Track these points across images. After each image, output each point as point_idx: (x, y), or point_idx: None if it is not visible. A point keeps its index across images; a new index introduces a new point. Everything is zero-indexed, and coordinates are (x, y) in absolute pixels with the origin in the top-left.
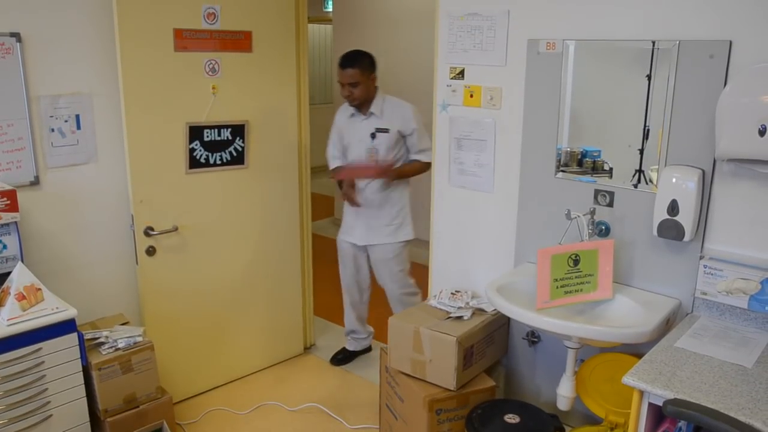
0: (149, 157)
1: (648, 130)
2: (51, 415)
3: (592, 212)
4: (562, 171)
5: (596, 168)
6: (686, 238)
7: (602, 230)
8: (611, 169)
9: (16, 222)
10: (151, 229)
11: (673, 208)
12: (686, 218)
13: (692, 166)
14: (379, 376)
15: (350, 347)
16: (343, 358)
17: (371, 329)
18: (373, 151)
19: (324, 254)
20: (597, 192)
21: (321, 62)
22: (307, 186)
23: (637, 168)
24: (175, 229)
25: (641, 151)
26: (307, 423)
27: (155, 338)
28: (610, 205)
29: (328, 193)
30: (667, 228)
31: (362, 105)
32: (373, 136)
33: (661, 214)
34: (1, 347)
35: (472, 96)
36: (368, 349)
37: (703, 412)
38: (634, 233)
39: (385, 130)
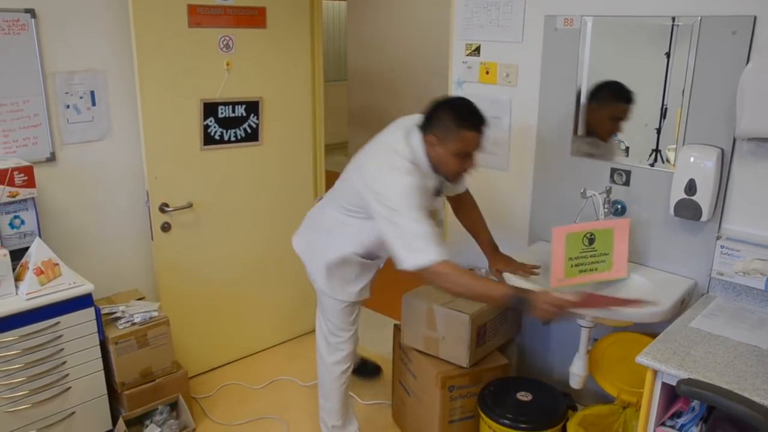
0: (164, 134)
1: (666, 108)
2: (70, 387)
3: (608, 191)
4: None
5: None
6: (703, 217)
7: (618, 209)
8: (627, 148)
9: (33, 198)
10: (166, 205)
11: (691, 187)
12: (704, 198)
13: (711, 145)
14: (392, 352)
15: None
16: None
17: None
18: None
19: None
20: (613, 171)
21: (335, 39)
22: (321, 163)
23: (654, 147)
24: (190, 205)
25: (658, 131)
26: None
27: (170, 314)
28: (627, 184)
29: (341, 171)
30: (684, 207)
31: None
32: (438, 192)
33: (678, 193)
34: (20, 321)
35: (487, 73)
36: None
37: (718, 392)
38: (651, 213)
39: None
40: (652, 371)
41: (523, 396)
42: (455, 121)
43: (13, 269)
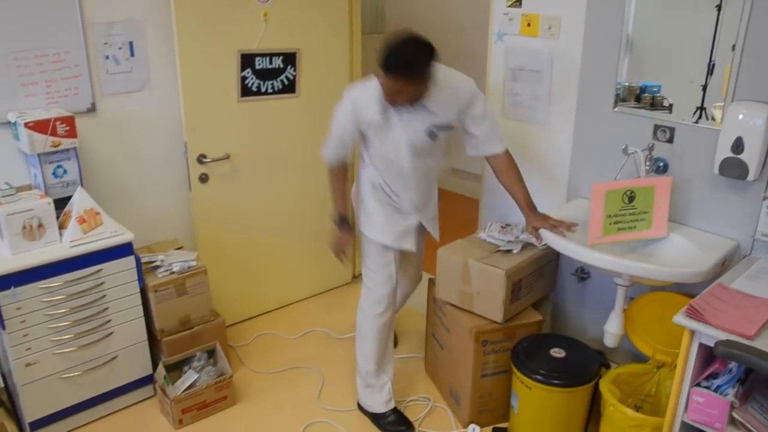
0: (201, 85)
1: (713, 65)
2: (112, 333)
3: (651, 148)
4: (621, 105)
5: (655, 104)
6: (750, 177)
7: (660, 167)
8: (671, 105)
9: (75, 148)
10: (204, 156)
11: (738, 145)
12: (751, 157)
13: (762, 102)
14: (426, 306)
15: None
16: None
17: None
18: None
19: None
20: (657, 127)
21: None
22: None
23: (699, 105)
24: (227, 156)
25: (704, 87)
26: (353, 350)
27: (208, 263)
28: (670, 141)
29: None
30: (729, 166)
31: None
32: (431, 135)
33: (724, 151)
34: (64, 267)
35: (529, 25)
36: None
37: (756, 354)
38: (694, 171)
39: (448, 127)
40: (689, 331)
41: (557, 353)
42: (380, 63)
43: (57, 218)
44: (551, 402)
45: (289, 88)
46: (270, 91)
